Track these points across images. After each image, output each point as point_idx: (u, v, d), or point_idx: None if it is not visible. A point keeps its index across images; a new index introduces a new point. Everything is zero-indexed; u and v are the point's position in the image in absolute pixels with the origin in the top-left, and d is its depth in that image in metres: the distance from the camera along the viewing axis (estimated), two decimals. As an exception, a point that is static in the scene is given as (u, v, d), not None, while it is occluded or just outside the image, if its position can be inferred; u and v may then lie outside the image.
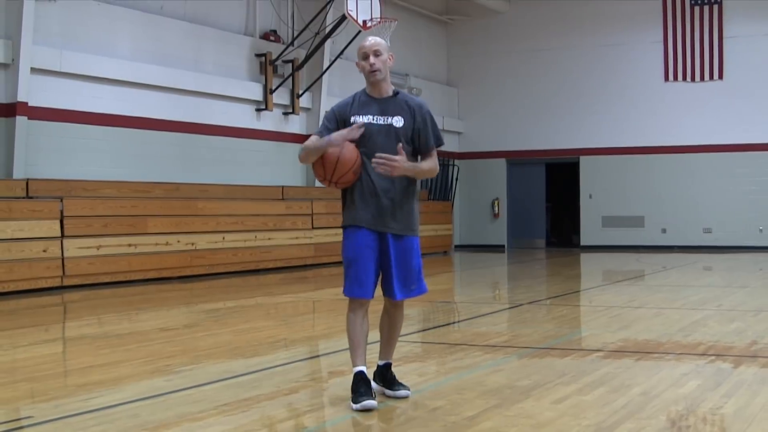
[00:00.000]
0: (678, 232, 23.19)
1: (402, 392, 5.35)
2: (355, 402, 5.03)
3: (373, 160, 5.02)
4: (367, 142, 5.14)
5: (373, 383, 5.30)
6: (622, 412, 4.91)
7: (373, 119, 5.18)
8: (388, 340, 5.45)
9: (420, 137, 5.24)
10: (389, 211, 5.15)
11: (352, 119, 5.18)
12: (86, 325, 9.65)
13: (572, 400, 5.22)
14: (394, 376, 5.42)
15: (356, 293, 5.15)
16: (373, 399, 5.05)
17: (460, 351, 7.02)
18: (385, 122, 5.18)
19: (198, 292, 12.92)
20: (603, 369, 6.23)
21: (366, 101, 5.24)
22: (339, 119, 5.23)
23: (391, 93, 5.27)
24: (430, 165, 5.26)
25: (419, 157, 5.30)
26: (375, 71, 5.15)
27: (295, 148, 18.85)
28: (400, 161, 5.02)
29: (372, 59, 5.14)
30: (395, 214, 5.17)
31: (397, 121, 5.18)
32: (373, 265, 5.16)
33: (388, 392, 5.36)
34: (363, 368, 5.15)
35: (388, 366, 5.43)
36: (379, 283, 5.27)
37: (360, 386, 5.08)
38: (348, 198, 5.24)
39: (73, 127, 14.03)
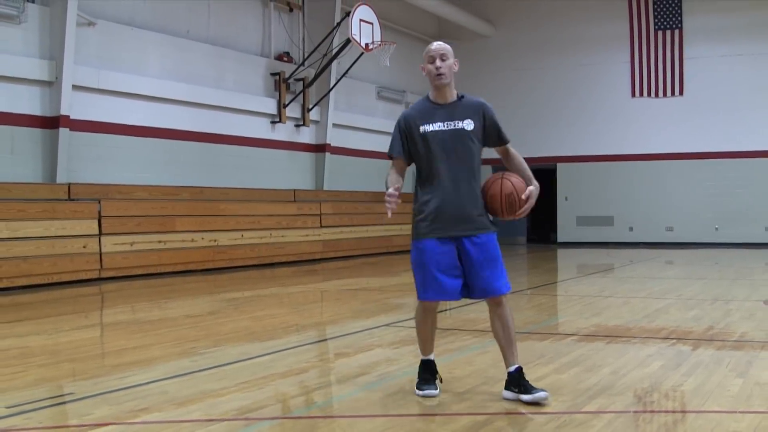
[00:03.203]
0: (643, 230, 23.17)
1: (540, 394, 4.47)
2: (419, 388, 4.73)
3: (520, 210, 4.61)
4: (438, 149, 4.56)
5: (506, 392, 4.61)
6: (594, 389, 4.91)
7: (443, 125, 4.57)
8: (507, 344, 4.64)
9: (495, 133, 4.69)
10: (462, 216, 4.59)
11: (421, 129, 4.58)
12: (121, 312, 9.64)
13: (550, 378, 5.21)
14: (528, 382, 4.55)
15: (421, 297, 4.68)
16: (436, 389, 4.73)
17: (451, 335, 7.00)
18: (456, 126, 4.57)
19: (220, 283, 12.91)
20: (577, 351, 6.22)
21: (431, 109, 4.63)
22: (405, 132, 4.66)
23: (456, 97, 4.65)
24: (526, 168, 4.81)
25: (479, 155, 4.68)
26: (441, 74, 4.55)
27: (305, 156, 18.90)
28: (533, 193, 4.66)
29: (438, 62, 4.55)
30: (467, 217, 4.60)
31: (468, 124, 4.58)
32: (442, 270, 4.58)
33: (525, 398, 4.47)
34: (431, 357, 4.84)
35: (519, 371, 4.58)
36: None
37: (425, 373, 4.79)
38: (417, 210, 4.66)
39: (110, 137, 14.03)
